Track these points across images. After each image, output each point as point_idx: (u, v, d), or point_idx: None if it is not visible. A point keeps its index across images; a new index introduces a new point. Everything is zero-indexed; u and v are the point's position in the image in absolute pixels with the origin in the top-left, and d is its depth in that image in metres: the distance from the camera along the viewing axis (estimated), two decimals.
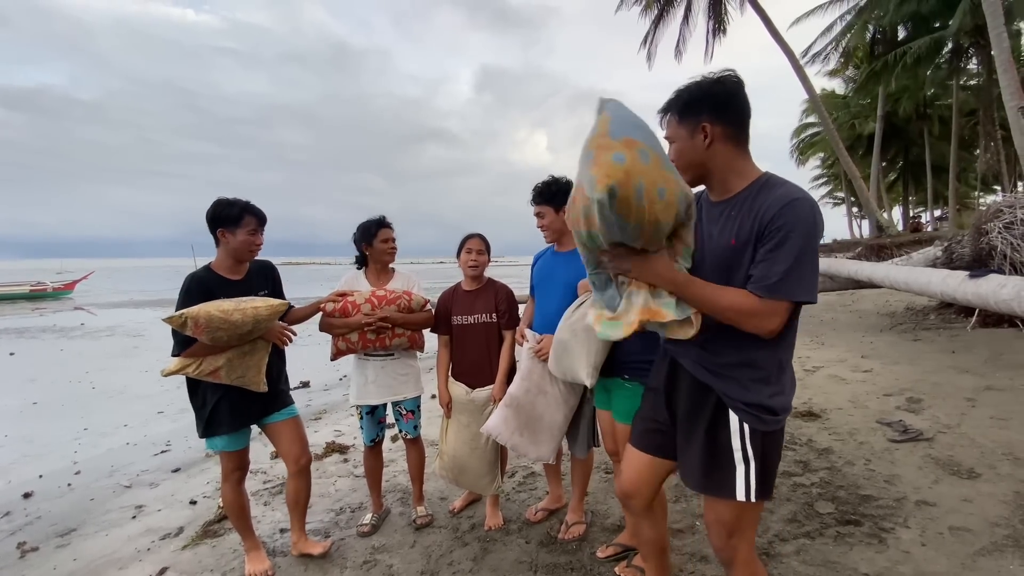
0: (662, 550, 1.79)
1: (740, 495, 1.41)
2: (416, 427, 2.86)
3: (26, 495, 3.86)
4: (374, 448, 2.87)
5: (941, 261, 8.24)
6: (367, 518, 2.84)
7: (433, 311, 2.82)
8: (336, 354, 2.69)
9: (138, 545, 2.87)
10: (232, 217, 2.31)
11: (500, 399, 2.58)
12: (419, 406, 2.88)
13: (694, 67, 23.43)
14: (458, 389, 2.74)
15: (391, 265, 2.89)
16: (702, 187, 1.55)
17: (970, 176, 29.14)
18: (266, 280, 2.51)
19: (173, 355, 2.25)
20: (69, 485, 4.04)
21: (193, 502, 3.40)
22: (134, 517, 3.31)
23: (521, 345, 2.54)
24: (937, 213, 34.90)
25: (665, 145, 1.45)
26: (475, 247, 2.74)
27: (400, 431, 2.87)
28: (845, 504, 2.70)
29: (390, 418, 2.91)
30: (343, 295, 2.65)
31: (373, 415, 2.81)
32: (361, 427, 2.84)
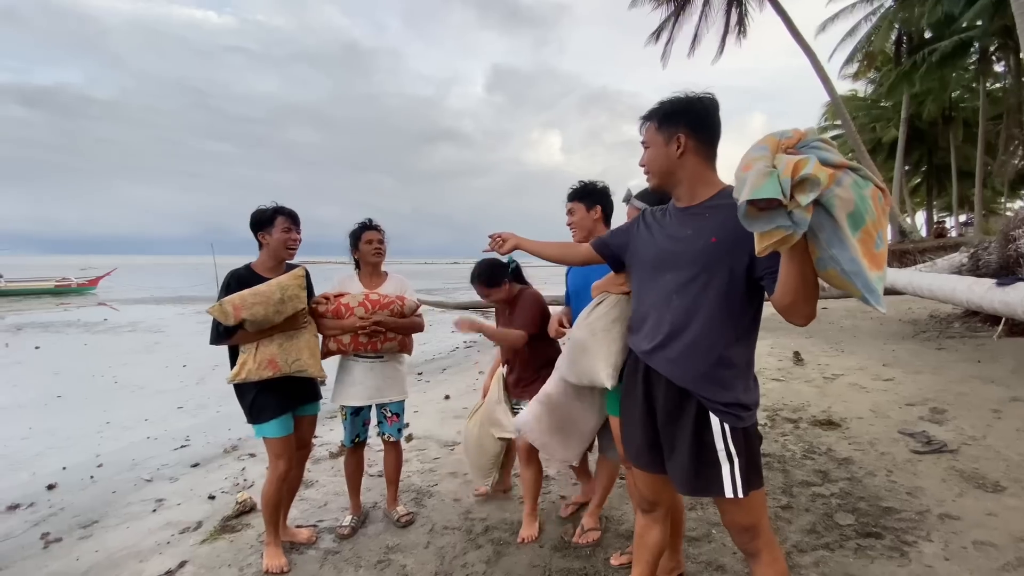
0: (658, 557, 1.85)
1: (728, 492, 1.47)
2: (400, 430, 2.87)
3: (50, 487, 3.94)
4: (355, 449, 2.84)
5: (967, 268, 8.05)
6: (347, 520, 2.84)
7: (423, 317, 2.86)
8: (326, 354, 2.71)
9: (158, 538, 2.92)
10: (267, 219, 2.53)
11: (465, 324, 2.52)
12: (403, 410, 2.90)
13: (711, 68, 23.21)
14: (497, 391, 2.84)
15: (384, 268, 2.93)
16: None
17: (996, 181, 28.50)
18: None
19: (211, 343, 2.42)
20: (92, 478, 4.12)
21: (212, 497, 3.45)
22: (154, 510, 3.37)
23: (557, 336, 2.46)
24: (962, 218, 34.11)
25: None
26: (479, 291, 2.81)
27: (382, 433, 2.84)
28: (866, 516, 2.65)
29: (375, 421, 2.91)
30: (337, 296, 2.67)
31: (358, 416, 2.81)
32: (344, 427, 2.82)
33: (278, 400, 2.46)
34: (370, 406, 2.82)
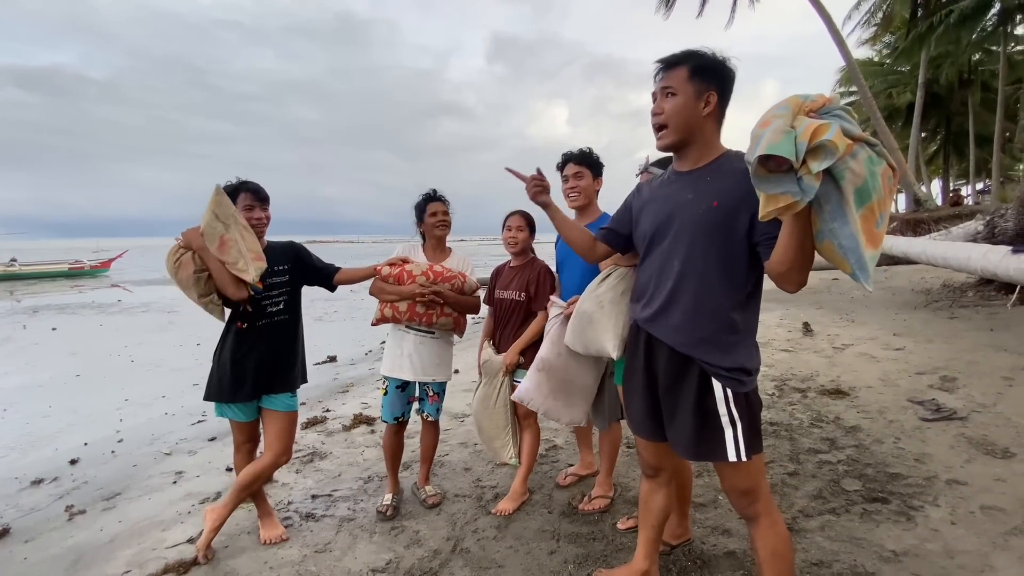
0: (663, 522, 1.89)
1: (731, 456, 1.49)
2: (439, 410, 2.83)
3: (73, 461, 4.06)
4: (398, 429, 2.80)
5: (982, 236, 7.91)
6: (387, 499, 2.75)
7: (482, 298, 2.82)
8: (379, 320, 2.68)
9: (179, 508, 3.01)
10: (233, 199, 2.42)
11: (508, 364, 2.65)
12: (444, 390, 2.85)
13: (722, 35, 22.56)
14: (487, 351, 2.79)
15: (448, 244, 2.87)
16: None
17: (1016, 147, 27.72)
18: (287, 258, 2.52)
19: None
20: (113, 452, 4.23)
21: (229, 469, 3.53)
22: (175, 482, 3.47)
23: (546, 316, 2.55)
24: (979, 186, 33.37)
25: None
26: (514, 224, 2.74)
27: (423, 412, 2.82)
28: (873, 482, 2.67)
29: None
30: (404, 260, 2.65)
31: (404, 391, 2.76)
32: (384, 403, 2.75)
33: (235, 385, 2.39)
34: (415, 384, 2.78)
